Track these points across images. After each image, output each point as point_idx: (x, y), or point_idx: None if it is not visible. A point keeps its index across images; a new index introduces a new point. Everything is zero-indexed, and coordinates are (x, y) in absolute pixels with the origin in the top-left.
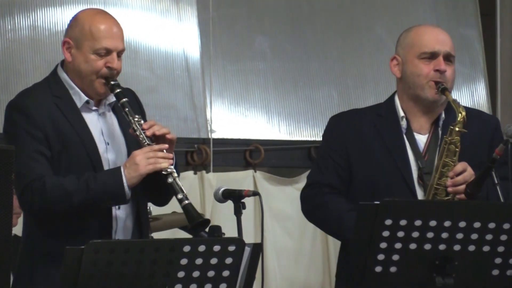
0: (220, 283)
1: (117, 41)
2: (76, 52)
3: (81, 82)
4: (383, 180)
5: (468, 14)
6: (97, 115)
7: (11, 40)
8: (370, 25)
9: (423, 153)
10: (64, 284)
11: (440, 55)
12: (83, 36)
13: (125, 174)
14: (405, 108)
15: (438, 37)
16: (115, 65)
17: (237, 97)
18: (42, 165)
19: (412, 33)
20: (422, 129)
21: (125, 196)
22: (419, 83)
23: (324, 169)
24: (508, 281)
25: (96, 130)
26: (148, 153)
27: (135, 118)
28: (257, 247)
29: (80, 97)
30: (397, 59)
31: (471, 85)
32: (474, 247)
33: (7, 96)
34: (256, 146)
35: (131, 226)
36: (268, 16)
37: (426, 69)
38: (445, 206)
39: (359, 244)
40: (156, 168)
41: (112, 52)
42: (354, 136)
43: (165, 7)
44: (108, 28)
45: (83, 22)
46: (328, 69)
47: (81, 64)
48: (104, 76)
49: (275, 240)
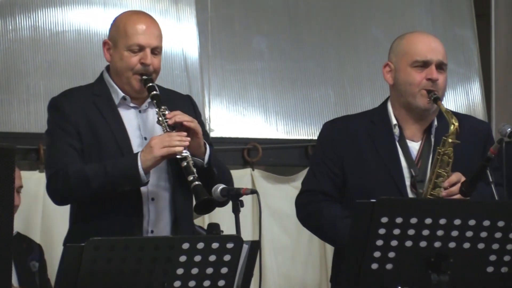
0: (219, 280)
1: (150, 38)
2: (113, 51)
3: (119, 80)
4: (376, 188)
5: (463, 15)
6: (136, 112)
7: (12, 40)
8: (366, 25)
9: (416, 161)
10: (65, 281)
11: (433, 64)
12: (118, 35)
13: (140, 157)
14: (397, 115)
15: (430, 46)
16: (148, 61)
17: (235, 96)
18: (69, 156)
19: (405, 41)
20: (415, 136)
21: (139, 178)
22: (411, 92)
23: (319, 176)
24: (502, 278)
25: (132, 126)
26: (164, 137)
27: (161, 109)
28: (255, 245)
29: (117, 94)
30: (389, 66)
31: (466, 84)
32: (469, 245)
33: (8, 95)
34: (254, 144)
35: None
36: (265, 16)
37: (418, 77)
38: (441, 204)
39: (356, 242)
40: (170, 151)
41: (145, 49)
42: (348, 144)
43: (164, 8)
44: (141, 26)
45: (119, 22)
46: (325, 69)
47: (118, 62)
48: (139, 73)
49: (273, 238)
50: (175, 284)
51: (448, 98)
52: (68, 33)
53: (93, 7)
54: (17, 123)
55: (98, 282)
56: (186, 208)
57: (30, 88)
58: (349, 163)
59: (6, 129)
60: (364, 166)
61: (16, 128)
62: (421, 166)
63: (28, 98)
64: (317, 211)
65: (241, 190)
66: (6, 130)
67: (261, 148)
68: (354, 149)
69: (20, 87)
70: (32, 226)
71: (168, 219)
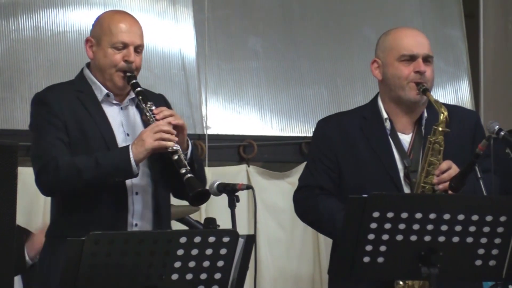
0: (215, 273)
1: (134, 36)
2: (96, 48)
3: (102, 77)
4: (371, 181)
5: (453, 15)
6: (118, 108)
7: (15, 40)
8: (358, 26)
9: (408, 152)
10: (66, 274)
11: (419, 57)
12: (102, 32)
13: (132, 150)
14: (387, 109)
15: (416, 40)
16: (132, 58)
17: (231, 94)
18: (58, 149)
19: (390, 37)
20: (406, 129)
21: (131, 170)
22: (400, 85)
23: (315, 172)
24: (490, 271)
25: (116, 122)
26: (154, 128)
27: (147, 104)
28: (250, 239)
29: (101, 90)
30: (377, 62)
31: (455, 83)
32: (458, 239)
33: (11, 94)
34: (249, 141)
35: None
36: (261, 17)
37: (406, 70)
38: (430, 199)
39: (348, 236)
40: (161, 144)
41: (129, 46)
42: (342, 140)
43: (162, 9)
44: (125, 24)
45: (103, 20)
46: (319, 68)
47: (101, 59)
48: (123, 70)
49: (268, 232)
50: (172, 277)
51: (437, 96)
52: (69, 33)
53: (94, 8)
54: (19, 121)
55: (99, 275)
56: (166, 202)
57: (32, 86)
58: (344, 158)
59: (9, 126)
60: (358, 160)
61: (19, 126)
62: (413, 157)
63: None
64: (314, 205)
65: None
66: (8, 128)
67: (256, 145)
68: (348, 145)
69: (23, 86)
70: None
71: (151, 213)
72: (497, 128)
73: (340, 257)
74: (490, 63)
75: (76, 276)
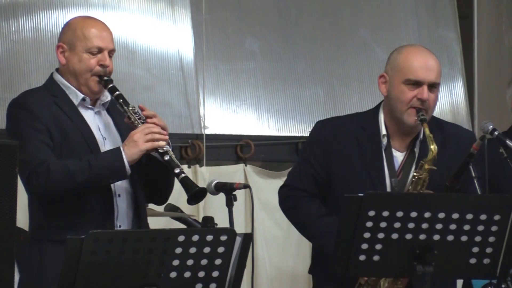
0: (213, 271)
1: (108, 41)
2: (70, 54)
3: (76, 82)
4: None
5: (447, 17)
6: (93, 113)
7: (15, 41)
8: (354, 27)
9: (398, 171)
10: (66, 272)
11: (425, 84)
12: (76, 38)
13: (124, 151)
14: (388, 124)
15: (426, 65)
16: (107, 62)
17: (228, 95)
18: (44, 152)
19: (402, 56)
20: (401, 147)
21: (125, 171)
22: (400, 109)
23: (303, 175)
24: (484, 269)
25: (93, 126)
26: (144, 129)
27: (129, 107)
28: (247, 237)
29: (76, 95)
30: (385, 77)
31: (449, 84)
32: (453, 237)
33: (11, 94)
34: (246, 141)
35: (131, 215)
36: (258, 18)
37: (409, 95)
38: (425, 198)
39: (344, 234)
40: (154, 145)
41: (103, 51)
42: (337, 146)
43: (161, 10)
44: (99, 29)
45: (75, 26)
46: (315, 69)
47: (76, 64)
48: (98, 74)
49: (265, 230)
50: (171, 275)
51: None
52: None
53: (92, 10)
54: None
55: (98, 273)
56: (143, 203)
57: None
58: (336, 165)
59: None
60: (349, 169)
61: None
62: (401, 177)
63: None
64: (295, 207)
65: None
66: None
67: (253, 145)
68: (342, 152)
69: (23, 87)
70: None
71: (132, 214)
72: (491, 128)
73: (336, 255)
74: (484, 64)
75: (76, 274)
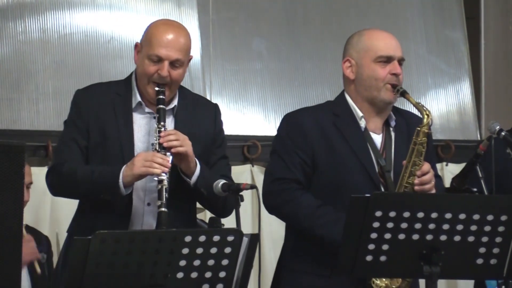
0: (220, 271)
1: (171, 51)
2: (139, 55)
3: (140, 83)
4: (350, 178)
5: (454, 17)
6: (150, 117)
7: (22, 42)
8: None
9: (380, 152)
10: (72, 272)
11: (395, 60)
12: (145, 41)
13: (123, 171)
14: (360, 108)
15: (392, 42)
16: (164, 73)
17: (235, 95)
18: (71, 151)
19: (366, 37)
20: (377, 129)
21: (119, 190)
22: (376, 86)
23: (291, 165)
24: (491, 269)
25: (142, 131)
26: (147, 156)
27: (159, 125)
28: (254, 237)
29: (136, 97)
30: (350, 61)
31: (456, 84)
32: (460, 237)
33: (18, 95)
34: (253, 142)
35: None
36: (264, 19)
37: (383, 72)
38: (432, 198)
39: (351, 234)
40: (148, 171)
41: (163, 61)
42: (318, 134)
43: (168, 11)
44: (166, 37)
45: (149, 29)
46: (322, 69)
47: (139, 67)
48: (155, 81)
49: (272, 231)
50: (178, 275)
51: (439, 97)
52: (75, 35)
53: (99, 10)
54: (27, 121)
55: (105, 273)
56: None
57: (39, 87)
58: (321, 153)
59: (16, 127)
60: (335, 157)
61: (26, 126)
62: (386, 157)
63: (37, 97)
64: (292, 200)
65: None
66: (16, 128)
67: (260, 145)
68: (324, 140)
69: (30, 87)
70: (41, 219)
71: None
72: (498, 129)
73: (342, 255)
74: (491, 64)
75: (83, 275)
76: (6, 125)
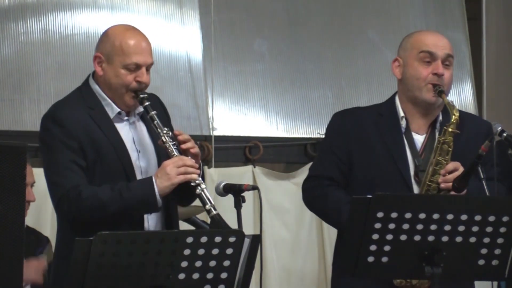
0: (221, 272)
1: (146, 56)
2: (107, 66)
3: (112, 94)
4: (382, 177)
5: (456, 18)
6: (128, 124)
7: (24, 43)
8: (362, 29)
9: (420, 152)
10: (74, 274)
11: (439, 59)
12: (114, 51)
13: (156, 183)
14: (404, 108)
15: (437, 40)
16: (144, 79)
17: (237, 96)
18: (77, 175)
19: (414, 36)
20: (420, 129)
21: (156, 205)
22: (418, 86)
23: (326, 163)
24: (493, 270)
25: (128, 139)
26: (178, 162)
27: (164, 131)
28: (256, 238)
29: (112, 108)
30: (398, 61)
31: (458, 85)
32: (461, 238)
33: (20, 96)
34: (255, 143)
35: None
36: (266, 20)
37: (425, 72)
38: (434, 199)
39: (353, 235)
40: (186, 178)
41: (141, 67)
42: (356, 134)
43: (169, 12)
44: (138, 43)
45: (114, 38)
46: (323, 70)
47: (112, 78)
48: (134, 90)
49: (273, 232)
50: (179, 276)
51: None
52: (77, 36)
53: (101, 11)
54: (28, 122)
55: (106, 274)
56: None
57: (41, 88)
58: (357, 153)
59: (18, 128)
60: (371, 156)
61: (28, 127)
62: (424, 158)
63: (39, 98)
64: (322, 195)
65: (243, 186)
66: (18, 129)
67: (262, 146)
68: (362, 140)
69: (31, 88)
70: (42, 220)
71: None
72: (500, 130)
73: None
74: (493, 65)
75: (84, 276)
76: (8, 126)
